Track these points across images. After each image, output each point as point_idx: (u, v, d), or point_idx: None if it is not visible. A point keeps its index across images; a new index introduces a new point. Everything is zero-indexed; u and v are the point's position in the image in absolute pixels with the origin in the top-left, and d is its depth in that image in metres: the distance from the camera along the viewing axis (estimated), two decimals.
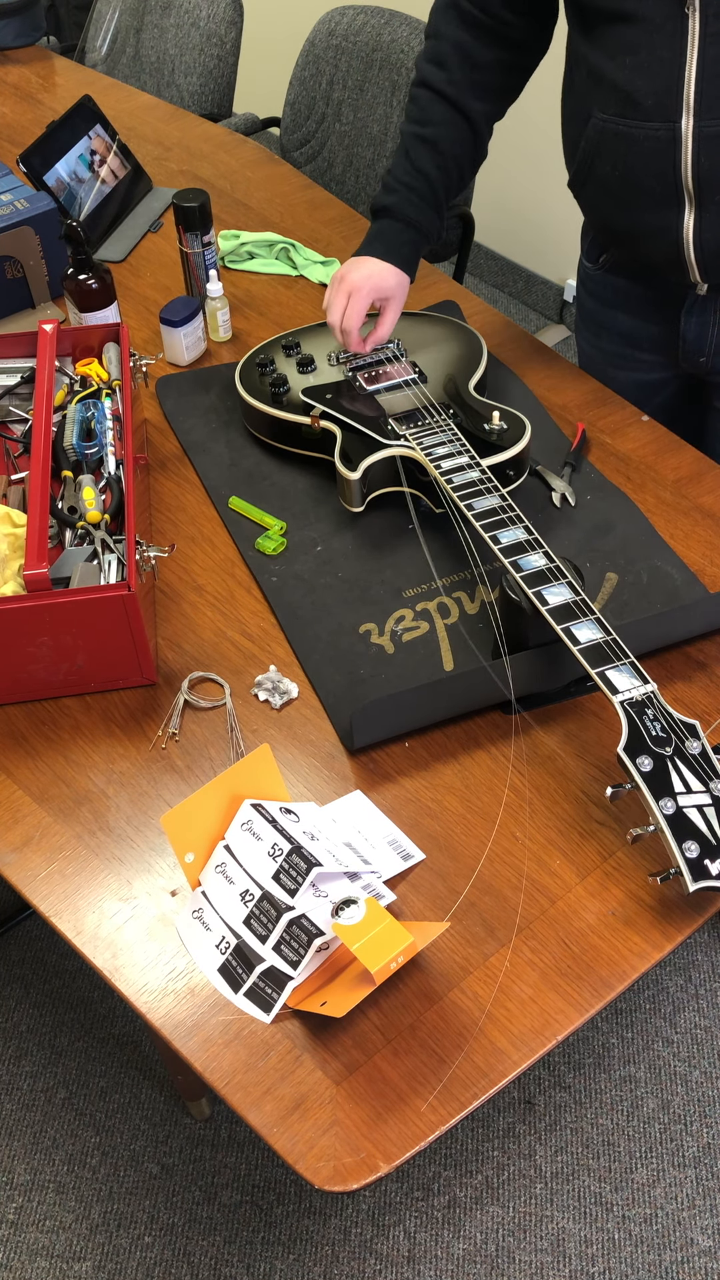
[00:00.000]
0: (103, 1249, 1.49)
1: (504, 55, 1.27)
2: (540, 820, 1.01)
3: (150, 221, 1.79)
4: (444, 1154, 1.57)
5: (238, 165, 1.94)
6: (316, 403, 1.30)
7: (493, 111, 1.32)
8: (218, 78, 2.37)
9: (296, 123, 2.25)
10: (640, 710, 0.93)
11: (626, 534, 1.26)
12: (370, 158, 2.15)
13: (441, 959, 0.92)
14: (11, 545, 1.14)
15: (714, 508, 1.29)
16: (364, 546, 1.25)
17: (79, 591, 1.01)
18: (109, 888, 0.97)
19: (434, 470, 1.19)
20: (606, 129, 1.19)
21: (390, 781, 1.04)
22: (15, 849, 0.99)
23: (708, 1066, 1.64)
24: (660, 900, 0.95)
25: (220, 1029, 0.88)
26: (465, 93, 1.27)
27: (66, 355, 1.37)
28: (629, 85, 1.14)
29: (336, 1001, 0.85)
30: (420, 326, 1.44)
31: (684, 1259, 1.47)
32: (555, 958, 0.91)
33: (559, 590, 1.04)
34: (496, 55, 1.27)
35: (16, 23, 2.30)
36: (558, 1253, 1.48)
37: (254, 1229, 1.50)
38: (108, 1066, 1.65)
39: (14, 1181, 1.55)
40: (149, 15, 2.44)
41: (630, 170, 1.19)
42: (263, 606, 1.20)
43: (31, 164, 1.63)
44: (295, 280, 1.67)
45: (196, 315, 1.48)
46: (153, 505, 1.32)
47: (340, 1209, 1.52)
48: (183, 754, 1.07)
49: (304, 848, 0.92)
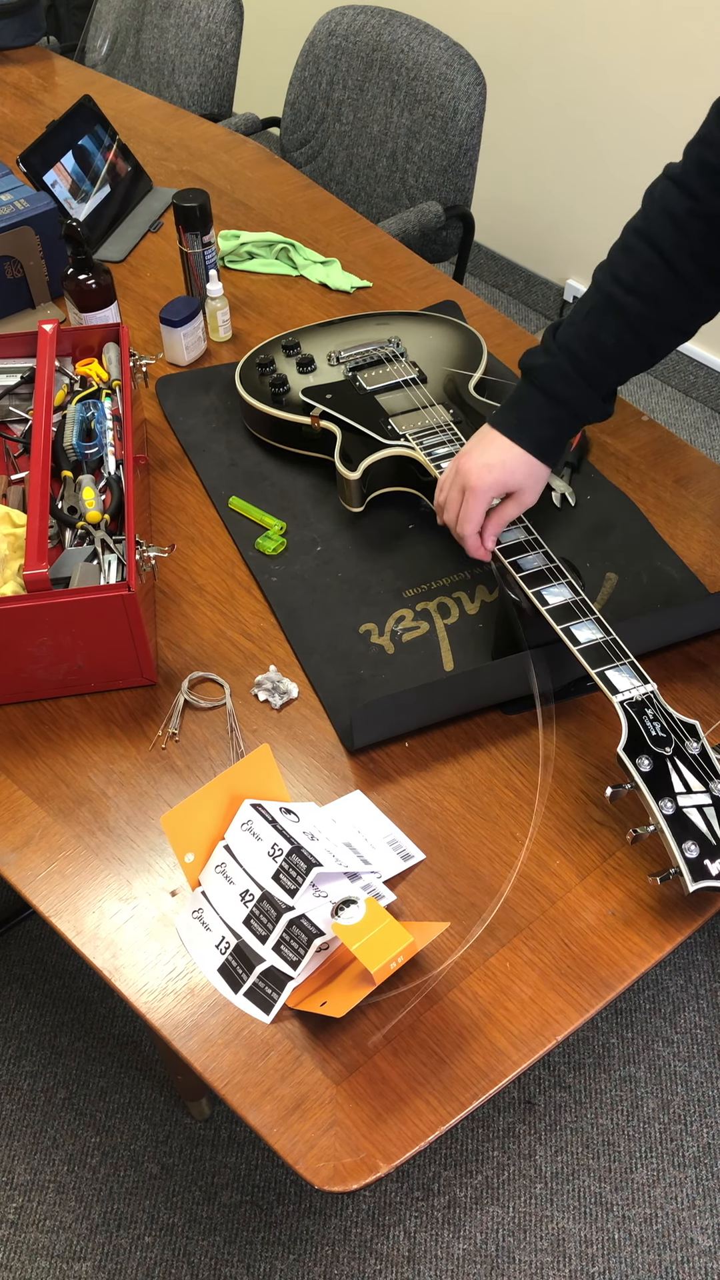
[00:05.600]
0: (103, 1249, 1.49)
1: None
2: (540, 820, 1.01)
3: (150, 221, 1.79)
4: (444, 1154, 1.57)
5: (238, 165, 1.94)
6: (316, 403, 1.30)
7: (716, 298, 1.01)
8: (218, 78, 2.37)
9: (296, 123, 2.25)
10: (640, 710, 0.93)
11: (626, 534, 1.26)
12: (370, 158, 2.15)
13: (441, 959, 0.92)
14: (11, 545, 1.14)
15: (714, 508, 1.29)
16: (364, 546, 1.25)
17: (79, 591, 1.01)
18: (109, 888, 0.97)
19: (434, 470, 1.19)
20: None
21: (390, 781, 1.04)
22: (15, 849, 0.99)
23: (708, 1066, 1.64)
24: (660, 900, 0.95)
25: (220, 1029, 0.88)
26: (699, 268, 0.97)
27: (66, 355, 1.37)
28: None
29: (336, 1001, 0.85)
30: (420, 326, 1.44)
31: (684, 1259, 1.47)
32: (555, 958, 0.91)
33: (559, 590, 1.04)
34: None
35: (16, 23, 2.30)
36: (558, 1253, 1.48)
37: (254, 1229, 1.50)
38: (108, 1066, 1.65)
39: (14, 1181, 1.55)
40: (149, 15, 2.44)
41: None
42: (263, 606, 1.20)
43: (31, 164, 1.63)
44: (295, 280, 1.67)
45: (196, 315, 1.48)
46: (153, 505, 1.32)
47: (340, 1209, 1.52)
48: (183, 754, 1.07)
49: (304, 848, 0.92)
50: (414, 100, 2.04)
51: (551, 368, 1.02)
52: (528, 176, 2.80)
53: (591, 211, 2.71)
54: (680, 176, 0.97)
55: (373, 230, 1.77)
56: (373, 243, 1.74)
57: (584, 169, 2.65)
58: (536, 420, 1.03)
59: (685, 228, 0.96)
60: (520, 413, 1.04)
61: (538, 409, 1.03)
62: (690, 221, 0.95)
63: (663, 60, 2.34)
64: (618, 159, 2.56)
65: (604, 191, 2.65)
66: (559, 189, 2.76)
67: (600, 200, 2.67)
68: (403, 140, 2.08)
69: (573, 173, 2.68)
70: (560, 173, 2.72)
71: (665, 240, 0.96)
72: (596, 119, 2.54)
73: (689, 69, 2.30)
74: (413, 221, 1.96)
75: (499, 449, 1.04)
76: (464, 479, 1.05)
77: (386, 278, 1.67)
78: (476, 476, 1.04)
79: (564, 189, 2.75)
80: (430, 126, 2.02)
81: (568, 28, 2.47)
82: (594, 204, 2.69)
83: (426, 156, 2.05)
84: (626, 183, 2.58)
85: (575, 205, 2.75)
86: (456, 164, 2.02)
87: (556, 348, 1.02)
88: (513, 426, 1.04)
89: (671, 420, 2.72)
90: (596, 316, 1.00)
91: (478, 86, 1.96)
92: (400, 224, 1.94)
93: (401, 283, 1.66)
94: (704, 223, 0.95)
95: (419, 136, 2.05)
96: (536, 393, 1.03)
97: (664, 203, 0.97)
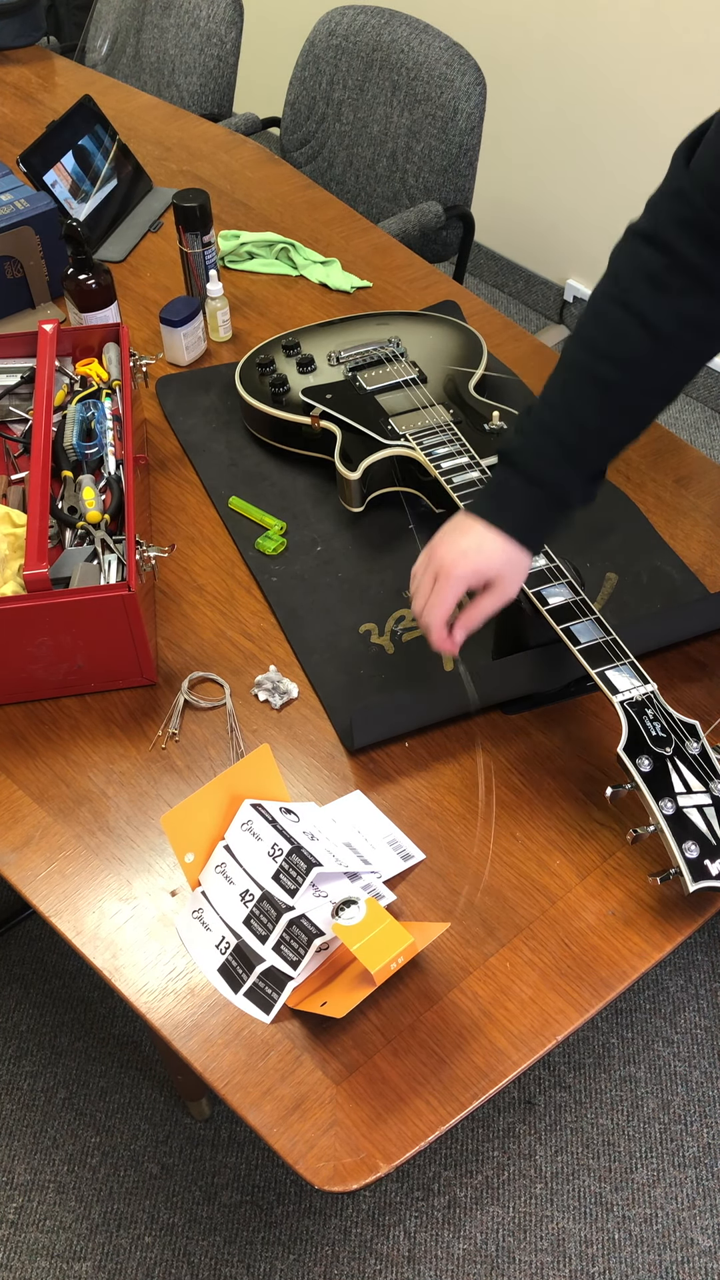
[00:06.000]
0: (103, 1249, 1.49)
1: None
2: (540, 820, 1.01)
3: (150, 221, 1.79)
4: (444, 1154, 1.57)
5: (238, 165, 1.94)
6: (316, 403, 1.30)
7: (702, 351, 0.94)
8: (218, 78, 2.37)
9: (296, 123, 2.25)
10: (640, 710, 0.93)
11: (626, 534, 1.26)
12: (370, 158, 2.15)
13: (441, 959, 0.92)
14: (11, 545, 1.14)
15: (714, 508, 1.30)
16: (364, 546, 1.25)
17: (79, 591, 1.01)
18: (109, 888, 0.97)
19: (434, 470, 1.19)
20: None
21: (390, 781, 1.04)
22: (15, 849, 0.99)
23: (708, 1066, 1.64)
24: (660, 900, 0.95)
25: (220, 1029, 0.88)
26: (681, 324, 0.92)
27: (66, 355, 1.37)
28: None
29: (336, 1002, 0.85)
30: (420, 326, 1.44)
31: (684, 1259, 1.47)
32: (555, 958, 0.91)
33: (559, 590, 1.04)
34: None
35: (16, 23, 2.30)
36: (558, 1253, 1.48)
37: (254, 1229, 1.50)
38: (108, 1066, 1.65)
39: (14, 1181, 1.55)
40: (149, 15, 2.44)
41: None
42: (263, 606, 1.20)
43: (31, 164, 1.63)
44: (295, 280, 1.67)
45: (196, 315, 1.48)
46: (153, 505, 1.32)
47: (340, 1209, 1.52)
48: (183, 754, 1.07)
49: (304, 848, 0.92)
50: (414, 100, 2.04)
51: (529, 448, 0.95)
52: (528, 176, 2.80)
53: (591, 211, 2.71)
54: (650, 232, 0.91)
55: (373, 230, 1.77)
56: (373, 243, 1.74)
57: (584, 169, 2.65)
58: (515, 504, 0.96)
59: (664, 284, 0.90)
60: (498, 497, 0.97)
61: (516, 492, 0.96)
62: (669, 277, 0.90)
63: (663, 60, 2.34)
64: (618, 159, 2.56)
65: (604, 191, 2.65)
66: (559, 189, 2.76)
67: (600, 200, 2.67)
68: (403, 140, 2.08)
69: (573, 173, 2.68)
70: (560, 173, 2.72)
71: (642, 301, 0.91)
72: (596, 119, 2.54)
73: (689, 69, 2.30)
74: (413, 221, 1.96)
75: (475, 534, 0.96)
76: (436, 565, 0.96)
77: (386, 278, 1.67)
78: (450, 563, 0.95)
79: (564, 189, 2.74)
80: (430, 126, 2.02)
81: (568, 28, 2.47)
82: (594, 204, 2.69)
83: (426, 156, 2.05)
84: (626, 182, 2.58)
85: (575, 205, 2.75)
86: (456, 164, 2.02)
87: (533, 427, 0.95)
88: (490, 510, 0.96)
89: (671, 420, 2.72)
90: (572, 390, 0.94)
91: (478, 86, 1.96)
92: (400, 224, 1.94)
93: (401, 283, 1.66)
94: (684, 276, 0.90)
95: (419, 136, 2.05)
96: (514, 475, 0.96)
97: (636, 262, 0.92)
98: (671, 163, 0.92)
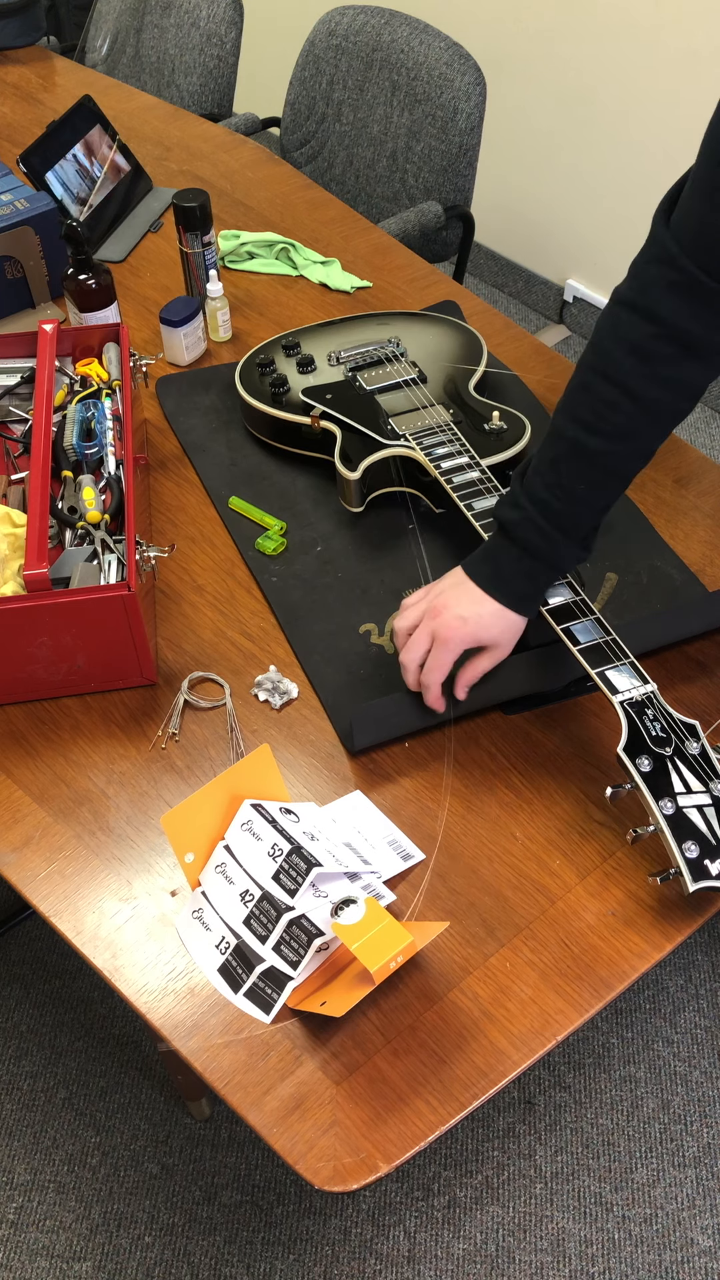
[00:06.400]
0: (103, 1249, 1.49)
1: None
2: (540, 820, 1.01)
3: (150, 221, 1.79)
4: (444, 1154, 1.57)
5: (238, 165, 1.94)
6: (316, 403, 1.30)
7: (686, 410, 0.96)
8: (218, 78, 2.37)
9: (296, 123, 2.25)
10: (640, 710, 0.93)
11: (626, 534, 1.26)
12: (370, 158, 2.15)
13: (441, 959, 0.92)
14: (11, 545, 1.14)
15: (714, 508, 1.30)
16: (364, 546, 1.25)
17: (79, 591, 1.01)
18: (109, 888, 0.97)
19: (434, 470, 1.19)
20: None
21: (390, 781, 1.04)
22: (15, 849, 0.99)
23: (708, 1066, 1.64)
24: (660, 900, 0.95)
25: (220, 1029, 0.88)
26: (667, 392, 0.92)
27: (66, 355, 1.37)
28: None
29: (336, 1001, 0.85)
30: (420, 326, 1.44)
31: (684, 1259, 1.47)
32: (555, 958, 0.91)
33: (559, 590, 1.04)
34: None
35: (16, 23, 2.30)
36: (558, 1253, 1.48)
37: (254, 1229, 1.50)
38: (108, 1066, 1.65)
39: (14, 1181, 1.55)
40: (149, 15, 2.44)
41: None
42: (263, 606, 1.20)
43: (31, 164, 1.63)
44: (295, 280, 1.67)
45: (196, 315, 1.48)
46: (153, 505, 1.32)
47: (340, 1209, 1.52)
48: (183, 754, 1.07)
49: (304, 848, 0.92)
50: (414, 100, 2.04)
51: (525, 522, 0.98)
52: (528, 176, 2.80)
53: (591, 211, 2.71)
54: (636, 300, 0.90)
55: (373, 230, 1.77)
56: (373, 243, 1.74)
57: (584, 169, 2.65)
58: (511, 574, 0.99)
59: (650, 354, 0.90)
60: (495, 565, 1.00)
61: (512, 563, 0.99)
62: (656, 345, 0.90)
63: (662, 60, 2.34)
64: (617, 159, 2.56)
65: (604, 191, 2.65)
66: (559, 189, 2.76)
67: (600, 200, 2.67)
68: (403, 140, 2.08)
69: (572, 173, 2.68)
70: (560, 173, 2.72)
71: (629, 376, 0.91)
72: (596, 119, 2.54)
73: (689, 69, 2.30)
74: (413, 221, 1.96)
75: (473, 601, 1.00)
76: (434, 625, 1.00)
77: (386, 278, 1.67)
78: (449, 628, 0.99)
79: (564, 189, 2.75)
80: (430, 126, 2.02)
81: (568, 28, 2.47)
82: (594, 204, 2.69)
83: (426, 156, 2.05)
84: (626, 182, 2.58)
85: (575, 205, 2.75)
86: (456, 164, 2.02)
87: (526, 499, 0.98)
88: (488, 578, 1.00)
89: None
90: (563, 465, 0.96)
91: (478, 86, 1.96)
92: (400, 224, 1.94)
93: (401, 283, 1.66)
94: (672, 344, 0.89)
95: (419, 136, 2.05)
96: (511, 546, 0.99)
97: (621, 332, 0.91)
98: (652, 223, 0.90)
